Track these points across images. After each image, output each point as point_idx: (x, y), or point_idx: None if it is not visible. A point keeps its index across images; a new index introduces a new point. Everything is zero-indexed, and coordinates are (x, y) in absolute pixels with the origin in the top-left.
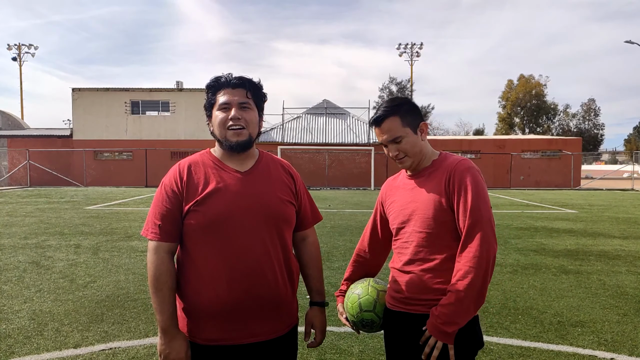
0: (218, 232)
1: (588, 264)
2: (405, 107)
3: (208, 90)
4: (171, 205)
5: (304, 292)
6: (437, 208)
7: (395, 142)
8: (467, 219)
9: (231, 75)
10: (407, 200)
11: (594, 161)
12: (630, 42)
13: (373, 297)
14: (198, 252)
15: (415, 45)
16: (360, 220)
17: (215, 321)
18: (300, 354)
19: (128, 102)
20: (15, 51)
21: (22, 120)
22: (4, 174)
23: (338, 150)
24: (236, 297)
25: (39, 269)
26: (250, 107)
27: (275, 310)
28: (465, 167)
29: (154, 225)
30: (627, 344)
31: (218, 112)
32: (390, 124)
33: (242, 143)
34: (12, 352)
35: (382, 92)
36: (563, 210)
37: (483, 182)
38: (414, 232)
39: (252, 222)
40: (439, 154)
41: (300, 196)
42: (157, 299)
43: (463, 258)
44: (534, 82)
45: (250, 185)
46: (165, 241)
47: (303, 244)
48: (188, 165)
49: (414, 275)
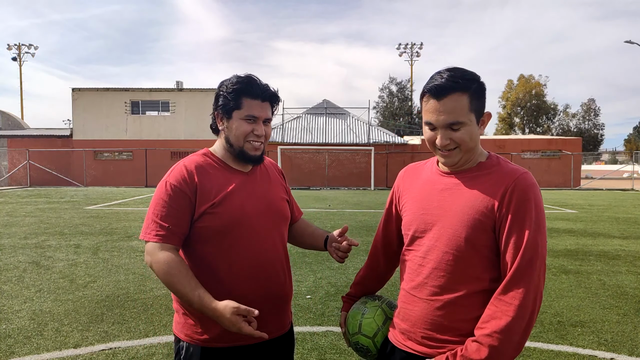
0: (232, 234)
1: (588, 264)
2: (476, 87)
3: (233, 92)
4: (179, 205)
5: (304, 292)
6: (474, 227)
7: (451, 127)
8: (519, 255)
9: (261, 84)
10: (433, 203)
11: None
12: (630, 42)
13: (378, 324)
14: (213, 255)
15: (415, 45)
16: (360, 220)
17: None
18: (301, 354)
19: (128, 102)
20: (15, 51)
21: (22, 120)
22: (4, 174)
23: (338, 150)
24: (253, 297)
25: (39, 269)
26: (270, 123)
27: (286, 307)
28: (529, 184)
29: (159, 227)
30: (627, 344)
31: (242, 121)
32: (455, 102)
33: (259, 158)
34: (12, 352)
35: (382, 92)
36: (563, 210)
37: (543, 206)
38: (436, 249)
39: (264, 222)
40: (488, 155)
41: (289, 193)
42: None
43: (504, 304)
44: (534, 82)
45: (257, 186)
46: (171, 243)
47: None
48: (195, 166)
49: (428, 304)
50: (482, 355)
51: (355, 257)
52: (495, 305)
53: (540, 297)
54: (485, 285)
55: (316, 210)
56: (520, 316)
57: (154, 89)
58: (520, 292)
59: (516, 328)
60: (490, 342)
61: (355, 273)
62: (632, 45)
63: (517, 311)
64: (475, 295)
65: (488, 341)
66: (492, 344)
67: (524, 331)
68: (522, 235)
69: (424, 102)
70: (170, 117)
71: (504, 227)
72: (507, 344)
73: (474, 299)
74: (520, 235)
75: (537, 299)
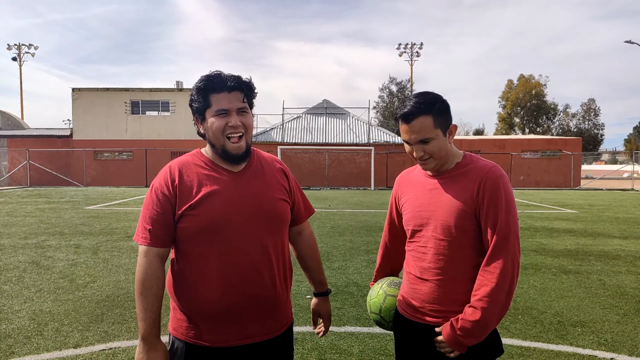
0: (215, 235)
1: (588, 264)
2: (438, 106)
3: (199, 92)
4: (162, 208)
5: (304, 291)
6: (460, 216)
7: (423, 142)
8: (495, 233)
9: (225, 76)
10: (425, 201)
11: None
12: (630, 42)
13: (380, 301)
14: (195, 255)
15: (415, 45)
16: (361, 220)
17: (214, 323)
18: (301, 354)
19: (128, 102)
20: (15, 51)
21: (22, 120)
22: (4, 174)
23: (338, 150)
24: (233, 299)
25: (38, 269)
26: (247, 112)
27: (273, 311)
28: (497, 175)
29: (144, 230)
30: (627, 344)
31: (214, 118)
32: (421, 123)
33: (243, 155)
34: (12, 352)
35: (382, 92)
36: (563, 210)
37: (512, 192)
38: (433, 238)
39: (249, 223)
40: (463, 155)
41: (294, 192)
42: (141, 305)
43: (488, 273)
44: (534, 82)
45: (245, 186)
46: (156, 246)
47: (299, 237)
48: (179, 167)
49: (433, 284)
50: (477, 316)
51: (355, 258)
52: (482, 276)
53: (518, 265)
54: (476, 261)
55: (316, 210)
56: (502, 281)
57: (154, 89)
58: (500, 262)
59: (500, 291)
60: (481, 305)
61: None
62: (632, 45)
63: (499, 278)
64: (470, 271)
65: (480, 304)
66: (483, 306)
67: (507, 293)
68: (496, 217)
69: (400, 125)
70: (170, 117)
71: (482, 212)
72: (494, 305)
73: (469, 274)
74: (495, 217)
75: (514, 266)
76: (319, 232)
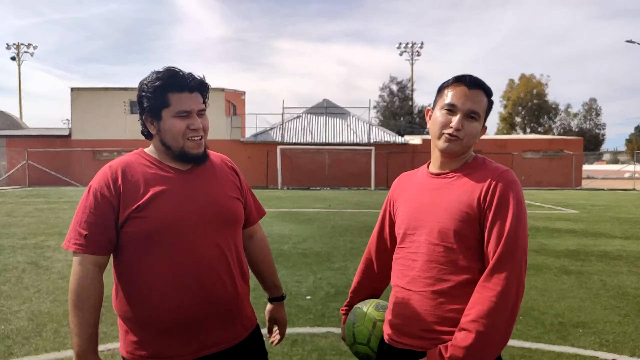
0: (166, 239)
1: (589, 265)
2: (491, 99)
3: (156, 90)
4: (101, 211)
5: (304, 292)
6: (461, 219)
7: (469, 115)
8: (501, 244)
9: (184, 74)
10: (425, 201)
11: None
12: (631, 42)
13: (368, 328)
14: (144, 262)
15: (415, 45)
16: (361, 220)
17: (173, 336)
18: (301, 356)
19: (127, 102)
20: (14, 51)
21: (21, 120)
22: (3, 174)
23: (338, 150)
24: (193, 307)
25: (37, 269)
26: (205, 113)
27: (235, 315)
28: (510, 180)
29: (79, 235)
30: (629, 345)
31: (175, 119)
32: (480, 97)
33: (202, 155)
34: (11, 353)
35: (382, 91)
36: (564, 211)
37: (524, 202)
38: (426, 243)
39: (202, 223)
40: (475, 156)
41: (245, 192)
42: (76, 319)
43: (487, 290)
44: (535, 81)
45: (196, 185)
46: (93, 253)
47: (251, 240)
48: (122, 166)
49: (421, 297)
50: (469, 341)
51: (356, 258)
52: (478, 292)
53: (523, 287)
54: (474, 275)
55: (316, 210)
56: (503, 302)
57: None
58: (503, 278)
59: (500, 313)
60: (476, 327)
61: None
62: (633, 44)
63: (500, 297)
64: (465, 286)
65: (474, 327)
66: (479, 329)
67: (508, 318)
68: (503, 226)
69: (451, 88)
70: None
71: (487, 219)
72: (493, 330)
73: (465, 289)
74: (501, 226)
75: (519, 287)
76: (319, 233)
